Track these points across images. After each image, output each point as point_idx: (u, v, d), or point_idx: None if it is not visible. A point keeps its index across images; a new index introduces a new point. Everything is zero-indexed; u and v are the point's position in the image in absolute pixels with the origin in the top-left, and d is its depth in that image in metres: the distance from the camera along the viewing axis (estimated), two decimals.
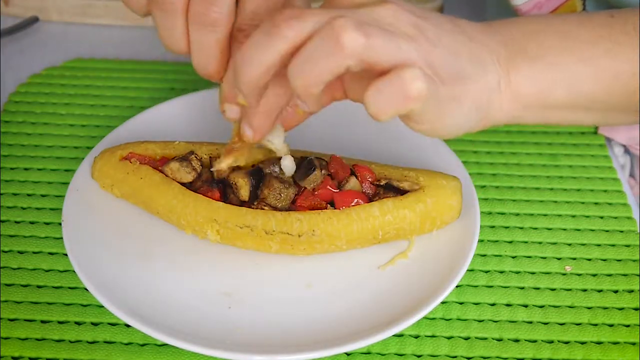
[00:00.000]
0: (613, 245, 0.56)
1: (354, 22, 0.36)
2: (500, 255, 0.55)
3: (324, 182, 0.51)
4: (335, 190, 0.51)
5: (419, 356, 0.48)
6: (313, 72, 0.37)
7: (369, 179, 0.52)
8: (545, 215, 0.58)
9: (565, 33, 0.43)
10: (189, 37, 0.44)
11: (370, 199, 0.51)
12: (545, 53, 0.43)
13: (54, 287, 0.52)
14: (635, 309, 0.51)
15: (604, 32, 0.43)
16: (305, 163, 0.51)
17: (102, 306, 0.48)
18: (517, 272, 0.54)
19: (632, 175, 0.69)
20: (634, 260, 0.55)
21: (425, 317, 0.50)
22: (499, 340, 0.49)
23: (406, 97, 0.37)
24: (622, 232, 0.57)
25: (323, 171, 0.51)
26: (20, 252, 0.54)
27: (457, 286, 0.51)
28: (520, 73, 0.42)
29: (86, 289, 0.50)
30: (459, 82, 0.40)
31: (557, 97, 0.43)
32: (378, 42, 0.37)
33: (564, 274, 0.54)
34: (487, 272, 0.54)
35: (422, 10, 0.41)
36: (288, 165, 0.51)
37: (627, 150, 0.69)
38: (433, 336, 0.49)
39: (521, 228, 0.57)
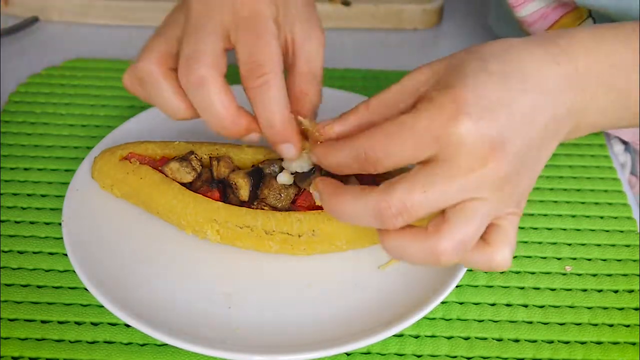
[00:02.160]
0: (613, 245, 0.56)
1: (454, 246, 0.39)
2: None
3: None
4: None
5: (419, 356, 0.48)
6: (407, 260, 0.41)
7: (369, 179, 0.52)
8: (545, 215, 0.58)
9: (615, 88, 0.43)
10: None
11: None
12: (618, 96, 0.43)
13: (54, 287, 0.52)
14: (635, 309, 0.51)
15: None
16: None
17: (102, 306, 0.48)
18: (517, 272, 0.54)
19: (633, 173, 0.69)
20: (634, 260, 0.55)
21: (425, 317, 0.50)
22: (499, 340, 0.49)
23: (494, 270, 0.41)
24: (622, 232, 0.57)
25: (323, 171, 0.51)
26: (20, 252, 0.54)
27: (457, 286, 0.51)
28: (590, 120, 0.43)
29: (86, 289, 0.50)
30: (538, 174, 0.42)
31: (620, 126, 0.45)
32: (474, 234, 0.39)
33: (564, 274, 0.54)
34: (487, 272, 0.54)
35: (519, 112, 0.40)
36: (285, 180, 0.51)
37: (627, 149, 0.69)
38: (433, 336, 0.49)
39: (521, 228, 0.57)
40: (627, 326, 0.50)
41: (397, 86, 0.42)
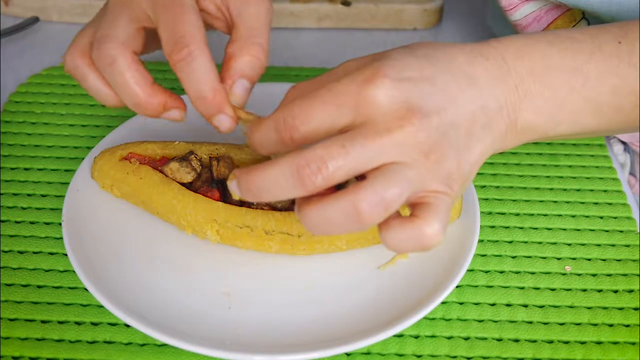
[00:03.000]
0: (613, 245, 0.56)
1: (374, 196, 0.38)
2: (500, 255, 0.55)
3: None
4: (335, 191, 0.51)
5: (419, 356, 0.48)
6: (329, 228, 0.39)
7: None
8: (545, 215, 0.58)
9: (575, 70, 0.43)
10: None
11: None
12: (552, 95, 0.43)
13: (54, 287, 0.52)
14: (635, 309, 0.51)
15: (613, 64, 0.44)
16: None
17: (102, 306, 0.48)
18: (517, 272, 0.54)
19: (632, 173, 0.69)
20: (634, 260, 0.55)
21: (425, 317, 0.50)
22: (499, 340, 0.49)
23: (425, 247, 0.39)
24: (622, 232, 0.57)
25: None
26: (20, 252, 0.54)
27: (457, 286, 0.51)
28: (527, 119, 0.43)
29: (86, 289, 0.50)
30: (468, 165, 0.41)
31: (561, 132, 0.45)
32: (397, 202, 0.38)
33: (564, 274, 0.54)
34: (487, 272, 0.54)
35: (442, 82, 0.40)
36: None
37: (626, 149, 0.69)
38: (433, 336, 0.49)
39: (521, 228, 0.57)
40: (627, 326, 0.50)
41: (326, 73, 0.42)
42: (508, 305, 0.51)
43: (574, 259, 0.55)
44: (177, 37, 0.43)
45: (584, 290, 0.53)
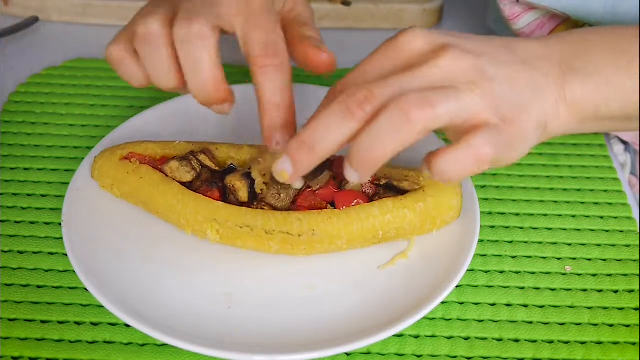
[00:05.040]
0: (613, 245, 0.56)
1: (418, 97, 0.39)
2: (500, 255, 0.55)
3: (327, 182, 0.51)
4: (335, 190, 0.51)
5: (419, 356, 0.48)
6: (382, 148, 0.39)
7: (369, 179, 0.52)
8: (545, 215, 0.58)
9: (619, 49, 0.44)
10: (180, 63, 0.46)
11: (370, 198, 0.51)
12: (598, 70, 0.44)
13: (54, 287, 0.52)
14: (635, 309, 0.51)
15: None
16: None
17: (102, 306, 0.48)
18: (517, 272, 0.54)
19: (633, 173, 0.69)
20: (634, 260, 0.55)
21: (425, 317, 0.50)
22: (499, 340, 0.49)
23: (478, 163, 0.40)
24: (622, 232, 0.57)
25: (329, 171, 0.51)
26: (20, 252, 0.54)
27: (457, 286, 0.51)
28: (574, 90, 0.44)
29: (86, 289, 0.50)
30: (521, 113, 0.42)
31: (612, 110, 0.45)
32: (443, 107, 0.39)
33: (564, 274, 0.54)
34: (487, 272, 0.54)
35: (478, 42, 0.43)
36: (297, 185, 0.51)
37: (627, 148, 0.69)
38: (433, 336, 0.49)
39: (521, 228, 0.57)
40: (627, 326, 0.50)
41: None
42: (508, 305, 0.51)
43: (574, 259, 0.55)
44: (270, 44, 0.45)
45: (584, 290, 0.53)
